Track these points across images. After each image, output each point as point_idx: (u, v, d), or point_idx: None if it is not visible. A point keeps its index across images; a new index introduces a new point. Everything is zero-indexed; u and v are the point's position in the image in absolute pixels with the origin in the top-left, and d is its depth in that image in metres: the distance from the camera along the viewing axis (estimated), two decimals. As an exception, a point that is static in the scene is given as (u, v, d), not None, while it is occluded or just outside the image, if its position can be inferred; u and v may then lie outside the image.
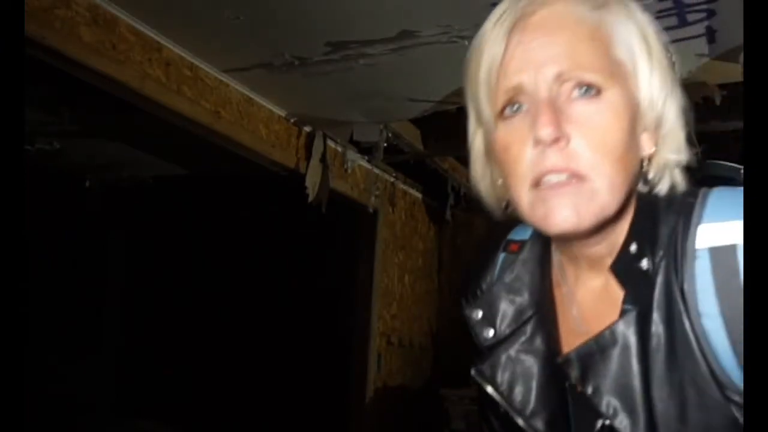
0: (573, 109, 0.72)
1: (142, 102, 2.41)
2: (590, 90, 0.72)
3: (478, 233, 4.60)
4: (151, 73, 2.36)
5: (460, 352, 4.54)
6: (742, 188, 0.75)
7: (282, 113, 3.08)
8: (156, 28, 2.34)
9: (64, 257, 4.50)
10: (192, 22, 2.29)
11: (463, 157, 3.95)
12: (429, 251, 4.57)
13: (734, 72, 2.34)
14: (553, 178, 0.72)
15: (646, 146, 0.76)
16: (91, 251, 4.73)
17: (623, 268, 0.76)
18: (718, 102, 2.52)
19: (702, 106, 2.57)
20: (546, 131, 0.70)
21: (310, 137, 3.25)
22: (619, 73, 0.73)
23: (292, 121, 3.14)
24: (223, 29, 2.30)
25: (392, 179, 4.03)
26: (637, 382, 0.73)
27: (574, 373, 0.77)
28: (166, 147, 3.70)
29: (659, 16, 2.06)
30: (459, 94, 3.10)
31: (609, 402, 0.74)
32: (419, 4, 2.06)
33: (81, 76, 2.21)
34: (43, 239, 4.04)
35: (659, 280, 0.73)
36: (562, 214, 0.71)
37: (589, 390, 0.75)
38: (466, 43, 2.24)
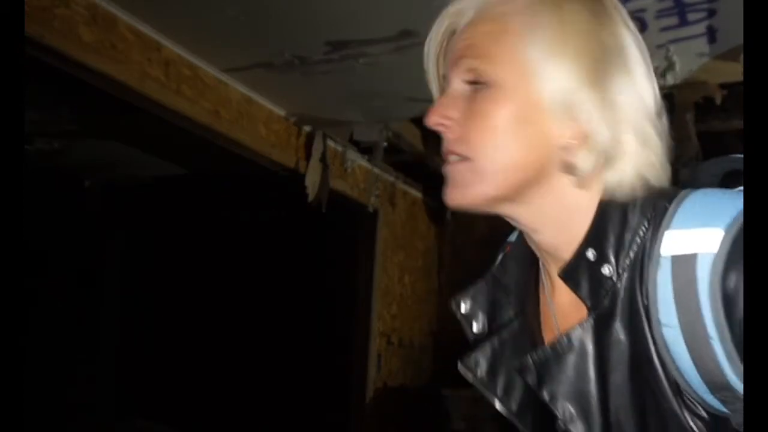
0: (468, 101, 0.76)
1: (142, 102, 2.41)
2: (482, 84, 0.75)
3: (478, 233, 4.60)
4: (151, 72, 2.36)
5: (460, 352, 4.55)
6: (726, 191, 0.73)
7: (282, 113, 3.08)
8: (155, 27, 2.33)
9: (64, 257, 4.50)
10: (191, 22, 2.29)
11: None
12: (429, 251, 4.57)
13: (735, 71, 2.34)
14: (451, 158, 0.78)
15: (561, 138, 0.74)
16: (91, 251, 4.73)
17: (576, 275, 0.75)
18: (718, 101, 2.52)
19: (703, 106, 2.57)
20: (430, 119, 0.79)
21: (310, 137, 3.25)
22: (516, 70, 0.74)
23: (292, 120, 3.14)
24: (222, 29, 2.30)
25: (392, 179, 4.03)
26: (593, 389, 0.74)
27: (530, 379, 0.77)
28: (165, 147, 3.70)
29: (659, 15, 2.06)
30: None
31: (565, 408, 0.75)
32: (419, 3, 2.06)
33: (80, 75, 2.21)
34: (42, 239, 4.04)
35: (624, 286, 0.72)
36: (450, 187, 0.79)
37: (546, 395, 0.76)
38: (466, 42, 2.24)
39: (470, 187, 0.77)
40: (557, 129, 0.74)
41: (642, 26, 2.13)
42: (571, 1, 0.75)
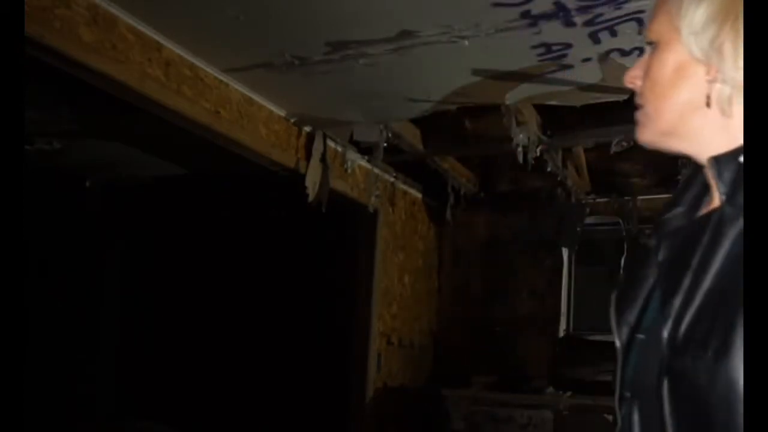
0: (646, 64, 0.95)
1: (142, 102, 2.41)
2: (652, 44, 0.94)
3: (478, 233, 4.60)
4: (151, 72, 2.36)
5: (460, 352, 4.56)
6: None
7: (282, 113, 3.08)
8: (156, 27, 2.33)
9: (64, 257, 4.50)
10: (192, 22, 2.29)
11: (463, 157, 3.94)
12: (429, 251, 4.57)
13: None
14: (637, 107, 0.96)
15: (704, 76, 0.87)
16: (91, 251, 4.73)
17: (722, 167, 0.85)
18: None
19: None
20: (624, 78, 0.98)
21: (310, 137, 3.25)
22: (670, 28, 0.90)
23: (292, 121, 3.14)
24: (222, 29, 2.30)
25: (392, 179, 4.03)
26: (694, 262, 0.82)
27: (654, 242, 0.93)
28: (166, 147, 3.70)
29: (659, 16, 2.06)
30: (459, 94, 3.12)
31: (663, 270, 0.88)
32: (419, 4, 2.06)
33: (81, 75, 2.20)
34: (42, 239, 4.04)
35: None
36: (637, 129, 0.96)
37: (660, 257, 0.90)
38: (466, 43, 2.24)
39: (643, 128, 0.94)
40: (700, 69, 0.87)
41: (641, 27, 2.13)
42: None
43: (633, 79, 0.96)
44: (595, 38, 2.21)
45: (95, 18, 2.14)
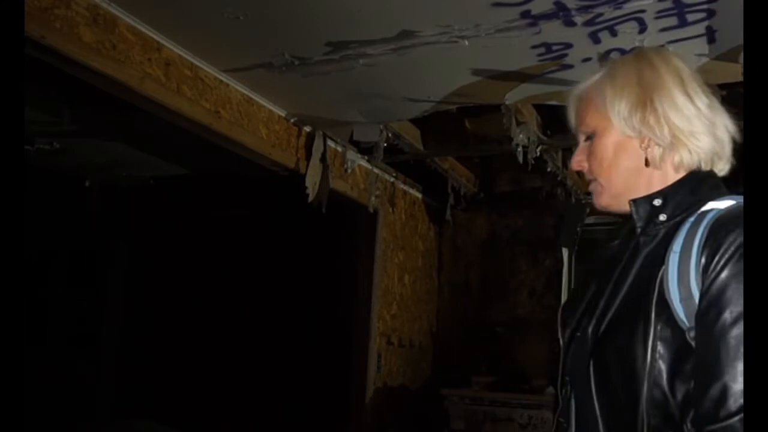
0: (588, 147, 1.19)
1: (142, 102, 2.41)
2: (591, 137, 1.18)
3: (478, 233, 4.60)
4: (151, 72, 2.36)
5: (460, 352, 4.56)
6: None
7: (282, 113, 3.08)
8: (156, 27, 2.33)
9: (64, 257, 4.50)
10: (192, 22, 2.29)
11: (463, 157, 3.92)
12: (429, 251, 4.57)
13: (734, 72, 2.34)
14: (591, 181, 1.21)
15: (639, 146, 1.12)
16: (91, 251, 4.73)
17: (640, 207, 1.10)
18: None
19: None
20: (571, 164, 1.23)
21: (310, 137, 3.25)
22: (603, 119, 1.15)
23: (292, 121, 3.14)
24: (223, 29, 2.30)
25: (392, 179, 4.03)
26: (614, 276, 1.09)
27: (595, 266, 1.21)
28: (166, 147, 3.70)
29: (659, 16, 2.06)
30: (459, 94, 3.11)
31: (596, 284, 1.14)
32: (419, 4, 2.06)
33: (81, 76, 2.20)
34: (43, 239, 4.04)
35: (666, 230, 1.05)
36: (594, 197, 1.20)
37: (596, 276, 1.16)
38: (466, 43, 2.24)
39: (600, 195, 1.18)
40: (634, 141, 1.12)
41: (641, 27, 2.13)
42: (621, 66, 1.16)
43: (579, 163, 1.20)
44: (595, 38, 2.21)
45: (95, 18, 2.14)
